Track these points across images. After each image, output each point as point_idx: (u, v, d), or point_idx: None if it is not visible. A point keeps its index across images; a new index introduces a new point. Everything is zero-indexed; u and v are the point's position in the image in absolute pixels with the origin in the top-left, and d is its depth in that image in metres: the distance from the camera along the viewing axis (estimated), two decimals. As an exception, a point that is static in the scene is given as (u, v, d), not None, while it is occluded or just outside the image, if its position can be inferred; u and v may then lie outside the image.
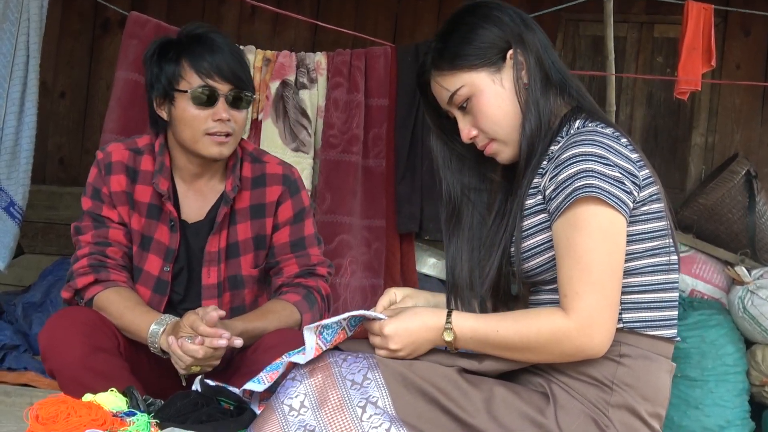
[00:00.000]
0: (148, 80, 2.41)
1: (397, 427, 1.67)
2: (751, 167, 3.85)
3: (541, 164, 1.79)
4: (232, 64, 2.34)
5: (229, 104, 2.33)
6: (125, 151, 2.43)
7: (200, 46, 2.34)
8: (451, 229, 1.93)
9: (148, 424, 1.81)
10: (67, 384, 2.15)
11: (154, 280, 2.41)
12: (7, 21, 3.54)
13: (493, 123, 1.81)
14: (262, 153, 2.54)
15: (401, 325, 1.75)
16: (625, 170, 1.70)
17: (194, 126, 2.33)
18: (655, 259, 1.76)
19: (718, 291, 3.73)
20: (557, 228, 1.71)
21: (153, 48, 2.41)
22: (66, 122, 5.05)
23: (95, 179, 2.42)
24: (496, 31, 1.81)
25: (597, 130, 1.74)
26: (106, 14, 4.92)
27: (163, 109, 2.39)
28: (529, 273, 1.79)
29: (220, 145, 2.34)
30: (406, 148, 3.78)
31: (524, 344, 1.71)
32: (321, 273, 2.49)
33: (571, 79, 1.86)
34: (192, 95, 2.31)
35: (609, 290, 1.68)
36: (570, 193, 1.68)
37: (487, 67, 1.81)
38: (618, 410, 1.73)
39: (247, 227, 2.45)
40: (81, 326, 2.21)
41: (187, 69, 2.33)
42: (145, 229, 2.41)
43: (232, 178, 2.42)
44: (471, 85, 1.81)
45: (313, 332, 1.75)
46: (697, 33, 3.43)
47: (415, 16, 4.75)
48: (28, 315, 3.82)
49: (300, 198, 2.50)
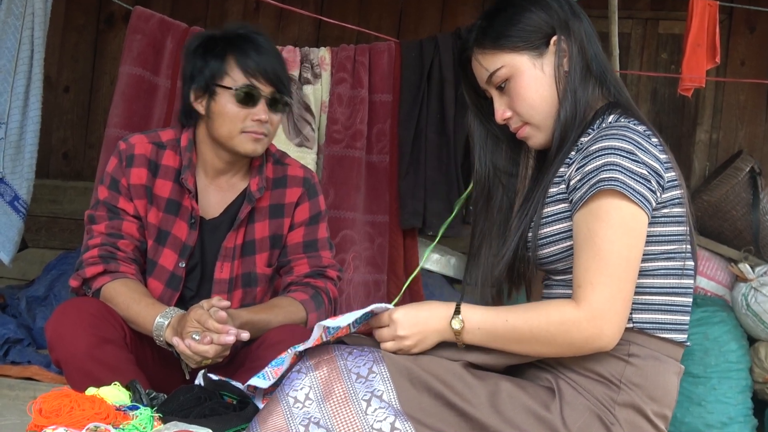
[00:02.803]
0: (187, 72, 2.41)
1: (402, 420, 1.67)
2: (756, 164, 3.84)
3: (569, 154, 1.79)
4: (276, 67, 2.37)
5: (268, 106, 2.36)
6: (148, 145, 2.44)
7: (247, 45, 2.35)
8: (479, 208, 1.94)
9: (151, 418, 1.82)
10: (74, 374, 2.16)
11: (168, 274, 2.41)
12: (11, 15, 3.54)
13: (529, 107, 1.82)
14: (284, 155, 2.58)
15: (410, 311, 1.76)
16: (652, 169, 1.70)
17: (233, 123, 2.34)
18: (670, 263, 1.76)
19: (721, 288, 3.73)
20: (578, 218, 1.71)
21: (197, 41, 2.42)
22: (70, 117, 5.05)
23: (114, 170, 2.42)
24: (543, 16, 1.82)
25: (629, 126, 1.74)
26: (110, 9, 4.92)
27: (200, 102, 2.39)
28: (544, 260, 1.79)
29: (256, 141, 2.36)
30: (409, 144, 3.78)
31: (533, 334, 1.70)
32: (331, 275, 2.51)
33: (611, 73, 1.86)
34: (236, 93, 2.33)
35: (624, 284, 1.67)
36: (594, 184, 1.68)
37: (530, 51, 1.81)
38: (624, 409, 1.73)
39: (265, 226, 2.46)
40: (88, 317, 2.21)
41: (234, 66, 2.34)
42: (162, 223, 2.41)
43: (258, 178, 2.45)
44: (511, 66, 1.82)
45: (320, 330, 1.76)
46: (701, 29, 3.42)
47: (418, 11, 4.74)
48: (31, 309, 3.83)
49: (317, 201, 2.53)
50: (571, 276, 1.74)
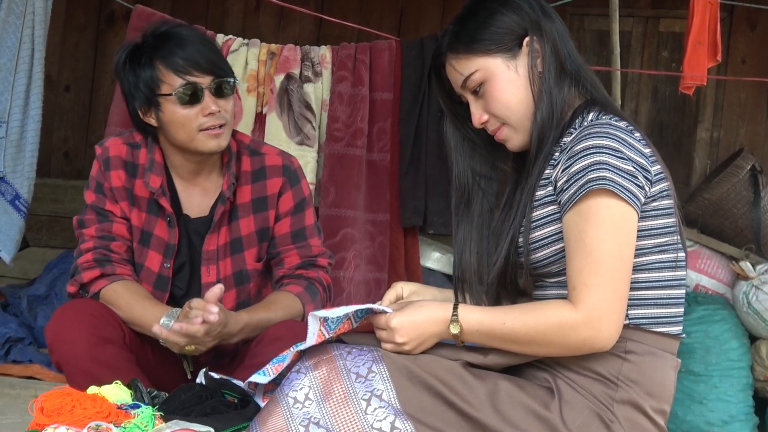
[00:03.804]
0: (125, 90, 2.35)
1: (402, 420, 1.67)
2: (756, 162, 3.84)
3: (553, 155, 1.78)
4: (206, 54, 2.30)
5: (214, 95, 2.30)
6: (123, 146, 2.42)
7: (169, 43, 2.28)
8: (460, 214, 1.93)
9: (152, 416, 1.82)
10: (75, 376, 2.16)
11: (155, 276, 2.41)
12: (12, 14, 3.54)
13: (505, 108, 1.81)
14: (260, 144, 2.52)
15: (407, 318, 1.75)
16: (638, 164, 1.70)
17: (187, 126, 2.29)
18: (663, 255, 1.75)
19: (722, 286, 3.73)
20: (568, 220, 1.71)
21: (122, 56, 2.34)
22: (71, 116, 5.05)
23: (97, 174, 2.41)
24: (515, 18, 1.81)
25: (611, 123, 1.73)
26: (111, 7, 4.92)
27: (150, 116, 2.34)
28: (536, 264, 1.79)
29: (216, 137, 2.31)
30: (410, 142, 3.78)
31: (531, 337, 1.70)
32: (322, 264, 2.49)
33: (586, 71, 1.85)
34: (177, 96, 2.27)
35: (618, 283, 1.67)
36: (582, 185, 1.67)
37: (503, 53, 1.81)
38: (623, 406, 1.73)
39: (250, 221, 2.44)
40: (87, 318, 2.21)
41: (164, 71, 2.28)
42: (145, 224, 2.40)
43: (228, 175, 2.40)
44: (485, 69, 1.81)
45: (317, 320, 1.75)
46: (702, 27, 3.42)
47: (419, 10, 4.74)
48: (33, 308, 3.83)
49: (300, 188, 2.48)
50: (564, 278, 1.73)
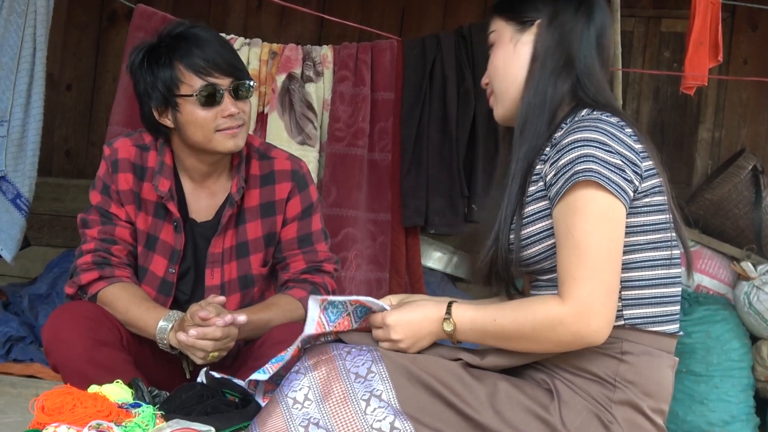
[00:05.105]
0: (140, 90, 2.33)
1: (401, 420, 1.67)
2: (758, 162, 3.84)
3: (543, 150, 1.78)
4: (226, 56, 2.30)
5: (233, 97, 2.30)
6: (132, 148, 2.40)
7: (189, 44, 2.27)
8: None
9: (153, 415, 1.82)
10: (72, 378, 2.13)
11: (159, 281, 2.39)
12: (13, 13, 3.54)
13: (494, 75, 1.87)
14: (270, 148, 2.51)
15: (403, 315, 1.76)
16: (627, 159, 1.69)
17: (205, 127, 2.28)
18: (656, 252, 1.74)
19: (723, 286, 3.73)
20: (557, 213, 1.70)
21: (138, 55, 2.33)
22: (72, 114, 5.05)
23: (105, 175, 2.39)
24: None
25: (601, 118, 1.73)
26: (112, 6, 4.93)
27: (166, 117, 2.32)
28: (529, 261, 1.78)
29: (234, 137, 2.30)
30: (411, 142, 3.78)
31: (521, 333, 1.70)
32: (327, 269, 2.47)
33: (597, 80, 1.82)
34: (197, 98, 2.27)
35: (607, 275, 1.66)
36: (569, 177, 1.67)
37: (515, 24, 1.85)
38: (621, 407, 1.73)
39: (258, 226, 2.43)
40: (84, 320, 2.20)
41: (184, 71, 2.27)
42: (151, 228, 2.39)
43: (237, 178, 2.39)
44: (497, 33, 1.87)
45: (318, 304, 1.75)
46: (704, 27, 3.41)
47: (421, 9, 4.74)
48: (34, 307, 3.84)
49: (308, 193, 2.47)
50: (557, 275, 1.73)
